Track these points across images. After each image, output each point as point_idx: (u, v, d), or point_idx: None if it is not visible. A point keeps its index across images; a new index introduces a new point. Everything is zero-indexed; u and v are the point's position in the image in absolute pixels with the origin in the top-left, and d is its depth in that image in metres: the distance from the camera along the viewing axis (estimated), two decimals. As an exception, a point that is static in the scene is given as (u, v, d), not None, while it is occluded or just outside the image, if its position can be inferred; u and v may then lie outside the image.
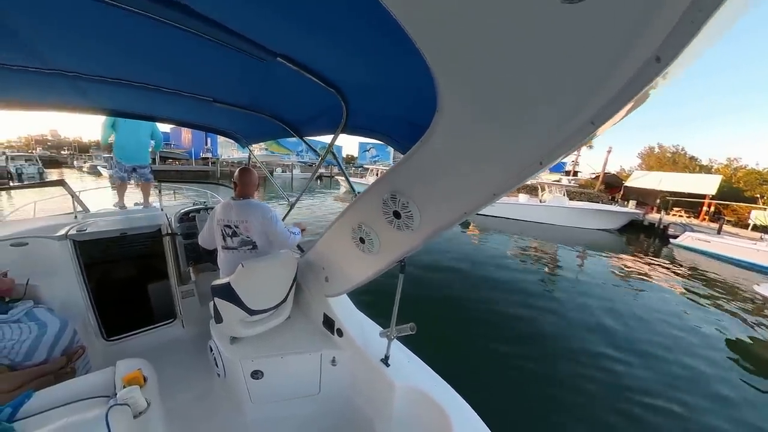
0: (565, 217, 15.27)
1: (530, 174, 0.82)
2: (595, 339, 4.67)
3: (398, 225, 1.26)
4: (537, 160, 0.78)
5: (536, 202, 16.27)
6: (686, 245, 12.65)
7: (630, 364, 4.10)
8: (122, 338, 2.27)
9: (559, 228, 14.61)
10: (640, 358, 4.25)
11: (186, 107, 2.01)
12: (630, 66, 0.52)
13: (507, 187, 0.90)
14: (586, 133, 0.65)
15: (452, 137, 0.93)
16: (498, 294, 6.04)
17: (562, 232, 13.74)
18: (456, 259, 7.85)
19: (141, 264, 2.77)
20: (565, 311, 5.57)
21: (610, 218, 15.16)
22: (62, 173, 27.68)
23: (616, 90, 0.56)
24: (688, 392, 3.63)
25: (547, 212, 15.63)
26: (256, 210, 1.90)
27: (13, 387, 1.33)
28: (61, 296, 2.00)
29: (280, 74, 1.28)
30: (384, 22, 0.76)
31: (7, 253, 2.00)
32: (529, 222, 15.46)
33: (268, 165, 33.97)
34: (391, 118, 1.48)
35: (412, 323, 1.47)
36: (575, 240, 12.36)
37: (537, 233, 13.12)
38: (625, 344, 4.59)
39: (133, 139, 3.46)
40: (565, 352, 4.23)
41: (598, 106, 0.60)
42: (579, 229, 14.71)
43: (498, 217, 15.58)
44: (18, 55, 1.20)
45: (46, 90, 1.61)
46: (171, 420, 1.39)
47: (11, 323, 1.55)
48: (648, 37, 0.48)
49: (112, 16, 0.89)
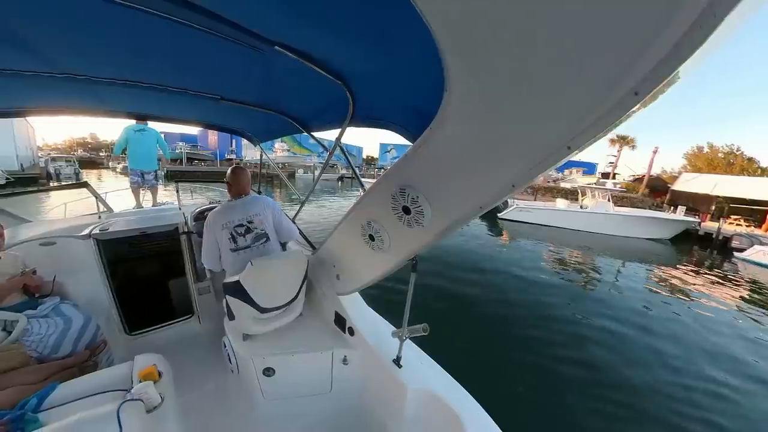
0: (610, 225, 14.47)
1: (556, 161, 0.76)
2: (654, 372, 4.19)
3: (408, 221, 1.25)
4: (564, 143, 0.71)
5: (576, 208, 15.52)
6: (757, 261, 11.55)
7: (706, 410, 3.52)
8: (143, 333, 2.44)
9: (601, 237, 13.91)
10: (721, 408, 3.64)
11: (196, 107, 2.13)
12: (684, 22, 0.47)
13: (529, 177, 0.84)
14: (627, 107, 0.58)
15: (464, 121, 0.87)
16: (528, 311, 5.73)
17: (606, 242, 13.03)
18: (481, 270, 7.59)
19: (161, 261, 2.96)
20: (614, 333, 5.11)
21: (662, 227, 14.25)
22: (100, 173, 30.60)
23: (666, 51, 0.50)
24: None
25: (589, 219, 14.88)
26: (266, 202, 2.04)
27: (40, 379, 1.46)
28: (85, 292, 2.18)
29: (283, 67, 1.31)
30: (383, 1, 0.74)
31: (37, 251, 2.19)
32: (568, 230, 14.75)
33: (290, 166, 35.20)
34: (400, 107, 1.48)
35: (425, 324, 1.47)
36: (621, 251, 11.62)
37: (577, 242, 12.46)
38: (697, 386, 3.99)
39: (142, 148, 4.21)
40: (627, 387, 3.80)
41: (644, 72, 0.53)
42: (625, 238, 13.93)
43: (532, 224, 15.03)
44: (29, 61, 1.30)
45: (59, 94, 1.76)
46: (185, 414, 1.48)
47: (39, 318, 1.70)
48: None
49: (113, 15, 0.92)
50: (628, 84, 0.56)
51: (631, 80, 0.56)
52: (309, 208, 15.30)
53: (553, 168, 0.81)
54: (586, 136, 0.67)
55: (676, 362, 4.53)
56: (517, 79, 0.68)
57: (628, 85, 0.56)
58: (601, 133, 0.66)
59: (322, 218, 13.38)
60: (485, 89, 0.76)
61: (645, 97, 0.56)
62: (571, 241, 12.45)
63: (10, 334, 1.56)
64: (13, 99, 1.82)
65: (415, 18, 0.64)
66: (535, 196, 22.74)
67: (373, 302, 2.11)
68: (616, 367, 4.21)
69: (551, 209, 15.67)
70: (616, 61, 0.56)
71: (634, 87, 0.56)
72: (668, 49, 0.50)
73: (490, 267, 7.90)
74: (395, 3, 0.70)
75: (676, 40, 0.48)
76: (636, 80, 0.55)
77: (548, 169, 0.81)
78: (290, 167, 35.58)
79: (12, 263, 1.87)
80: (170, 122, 2.70)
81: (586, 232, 14.52)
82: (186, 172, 28.69)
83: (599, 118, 0.63)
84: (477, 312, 5.46)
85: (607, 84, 0.59)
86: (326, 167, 2.92)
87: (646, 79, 0.54)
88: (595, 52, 0.57)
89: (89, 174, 28.80)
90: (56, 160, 25.45)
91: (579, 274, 8.54)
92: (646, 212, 15.68)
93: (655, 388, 3.89)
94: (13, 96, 1.75)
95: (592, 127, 0.66)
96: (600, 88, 0.60)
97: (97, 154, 48.55)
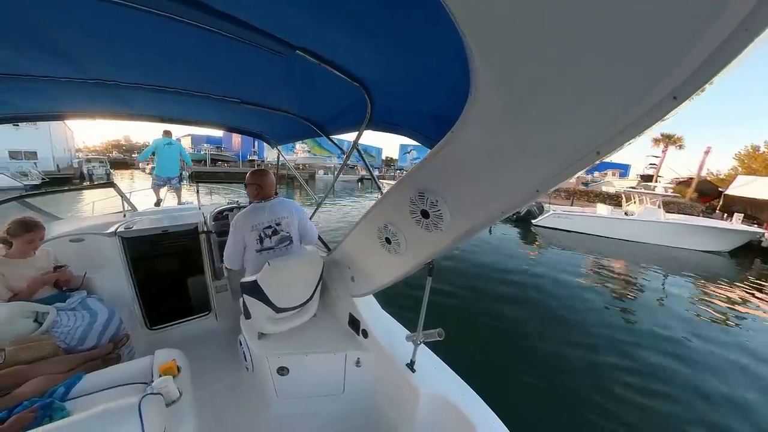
0: (659, 235, 13.41)
1: (584, 167, 0.76)
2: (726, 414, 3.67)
3: (426, 225, 1.28)
4: (594, 148, 0.71)
5: (620, 215, 14.52)
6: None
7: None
8: (163, 328, 2.61)
9: (649, 247, 12.94)
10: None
11: (216, 110, 2.26)
12: (728, 24, 0.45)
13: (553, 183, 0.85)
14: (666, 110, 0.58)
15: (488, 128, 0.89)
16: (568, 332, 5.25)
17: (654, 253, 12.06)
18: (509, 282, 7.21)
19: (181, 259, 3.15)
20: (672, 363, 4.59)
21: (721, 238, 13.01)
22: (132, 174, 33.02)
23: (708, 53, 0.48)
24: None
25: (636, 228, 13.82)
26: (292, 206, 2.15)
27: (67, 368, 1.60)
28: (110, 287, 2.36)
29: (302, 71, 1.37)
30: (407, 6, 0.76)
31: (67, 247, 2.40)
32: (610, 239, 13.84)
33: (310, 167, 36.10)
34: (418, 112, 1.52)
35: (440, 329, 1.50)
36: (673, 264, 10.63)
37: (622, 253, 11.61)
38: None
39: (168, 159, 5.32)
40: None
41: (684, 75, 0.53)
42: (676, 249, 12.91)
43: (569, 231, 14.28)
44: (64, 68, 1.41)
45: (89, 99, 1.91)
46: (201, 408, 1.57)
47: (68, 311, 1.86)
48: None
49: (143, 23, 0.98)
50: (665, 88, 0.56)
51: (668, 85, 0.55)
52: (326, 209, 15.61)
53: (579, 173, 0.81)
54: (617, 141, 0.67)
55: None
56: (547, 83, 0.69)
57: (665, 90, 0.56)
58: (633, 139, 0.65)
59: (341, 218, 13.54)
60: (513, 95, 0.76)
61: (683, 101, 0.55)
62: (615, 252, 11.62)
63: (41, 326, 1.72)
64: (48, 104, 2.01)
65: (439, 22, 0.66)
66: (571, 200, 21.76)
67: (387, 305, 2.14)
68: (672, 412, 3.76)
69: (592, 216, 14.73)
70: (653, 64, 0.55)
71: (672, 91, 0.55)
72: (711, 50, 0.49)
73: (520, 280, 7.47)
74: (420, 5, 0.73)
75: (719, 43, 0.47)
76: (674, 84, 0.54)
77: (574, 174, 0.81)
78: (310, 168, 36.55)
79: (45, 258, 2.06)
80: (191, 125, 2.87)
81: (631, 241, 13.56)
82: (209, 172, 30.48)
83: (632, 124, 0.63)
84: (501, 328, 5.26)
85: (643, 89, 0.58)
86: (343, 170, 3.01)
87: (687, 83, 0.53)
88: (634, 54, 0.56)
89: (121, 174, 31.34)
90: (91, 162, 28.02)
91: (624, 290, 7.77)
92: (703, 221, 14.43)
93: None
94: (48, 101, 1.94)
95: (623, 133, 0.65)
96: (635, 92, 0.60)
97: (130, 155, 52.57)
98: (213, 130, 4.25)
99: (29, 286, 1.87)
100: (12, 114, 2.09)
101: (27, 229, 1.90)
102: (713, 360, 4.88)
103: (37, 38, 1.08)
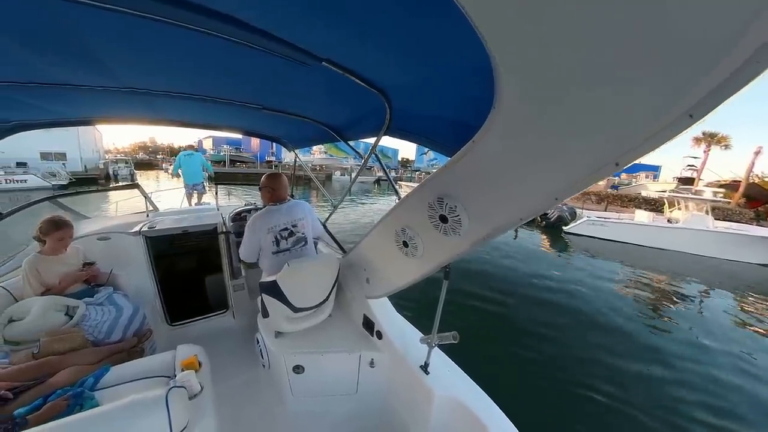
0: (708, 245, 12.28)
1: (603, 176, 0.81)
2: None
3: (444, 230, 1.32)
4: (613, 159, 0.75)
5: (662, 222, 13.56)
6: None
7: None
8: (183, 324, 2.77)
9: (696, 259, 11.92)
10: None
11: (237, 115, 2.40)
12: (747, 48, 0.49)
13: (572, 191, 0.89)
14: (682, 127, 0.62)
15: (510, 136, 0.93)
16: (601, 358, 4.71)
17: (702, 265, 11.08)
18: (532, 299, 6.67)
19: (200, 258, 3.33)
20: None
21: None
22: (157, 174, 34.95)
23: (729, 71, 0.52)
24: None
25: (681, 237, 12.77)
26: (305, 208, 2.27)
27: (95, 360, 1.73)
28: (134, 284, 2.53)
29: (324, 78, 1.44)
30: (432, 16, 0.80)
31: (95, 245, 2.59)
32: (650, 248, 12.89)
33: (327, 168, 36.64)
34: (437, 119, 1.57)
35: (455, 332, 1.54)
36: (726, 278, 9.62)
37: (665, 265, 10.66)
38: None
39: (191, 168, 6.50)
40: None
41: (701, 94, 0.57)
42: (729, 261, 11.82)
43: (605, 239, 13.50)
44: (100, 77, 1.51)
45: (121, 106, 2.07)
46: (220, 403, 1.66)
47: (96, 305, 2.02)
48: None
49: (174, 35, 1.04)
50: (684, 105, 0.59)
51: (687, 102, 0.59)
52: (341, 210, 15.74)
53: (598, 181, 0.86)
54: (637, 153, 0.70)
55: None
56: (571, 94, 0.72)
57: (683, 107, 0.59)
58: (653, 150, 0.68)
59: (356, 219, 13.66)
60: (537, 105, 0.80)
61: (699, 118, 0.59)
62: (657, 264, 10.69)
63: (71, 319, 1.86)
64: (83, 110, 2.20)
65: (464, 32, 0.70)
66: (605, 205, 20.84)
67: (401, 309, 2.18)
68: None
69: (631, 223, 13.81)
70: (678, 79, 0.58)
71: (689, 109, 0.59)
72: (737, 66, 0.51)
73: (548, 298, 6.83)
74: (446, 14, 0.76)
75: (740, 64, 0.50)
76: (692, 102, 0.58)
77: (592, 183, 0.86)
78: (327, 169, 37.12)
79: (75, 255, 2.24)
80: (213, 129, 3.05)
81: (675, 251, 12.56)
82: (227, 173, 31.75)
83: (654, 135, 0.66)
84: (521, 346, 4.96)
85: (667, 102, 0.62)
86: (361, 172, 3.10)
87: (700, 106, 0.57)
88: (661, 66, 0.58)
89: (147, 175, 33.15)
90: (117, 163, 30.12)
91: (670, 309, 6.97)
92: (762, 230, 12.98)
93: None
94: (83, 108, 2.12)
95: (645, 144, 0.68)
96: (659, 106, 0.63)
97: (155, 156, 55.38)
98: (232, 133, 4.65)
99: (61, 281, 2.03)
100: (49, 120, 2.30)
101: (57, 227, 2.07)
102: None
103: (75, 50, 1.19)
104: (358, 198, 21.95)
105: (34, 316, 1.80)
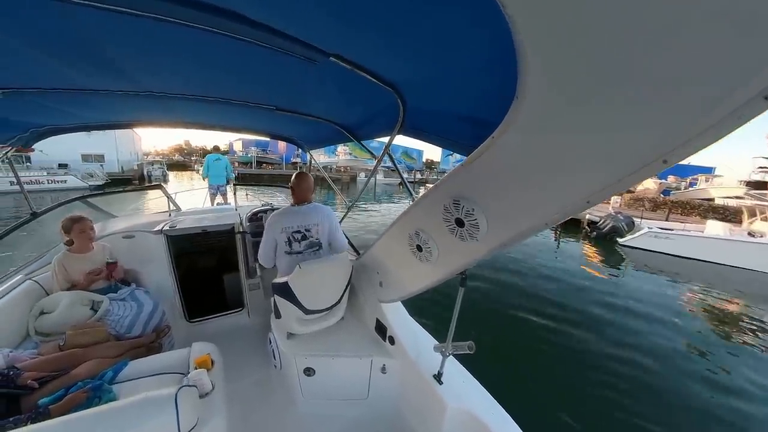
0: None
1: (645, 176, 0.71)
2: None
3: (461, 234, 1.26)
4: (659, 156, 0.65)
5: (743, 236, 11.39)
6: None
7: None
8: (200, 321, 2.88)
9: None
10: None
11: (252, 117, 2.46)
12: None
13: (607, 193, 0.80)
14: (757, 110, 0.52)
15: (534, 132, 0.85)
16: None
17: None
18: (576, 323, 5.77)
19: (218, 257, 3.46)
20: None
21: None
22: (191, 175, 36.75)
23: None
24: None
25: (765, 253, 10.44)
26: (326, 213, 2.25)
27: (116, 354, 1.82)
28: (155, 281, 2.66)
29: (334, 76, 1.43)
30: (444, 7, 0.76)
31: (120, 243, 2.75)
32: (727, 266, 10.76)
33: (351, 169, 37.07)
34: (453, 115, 1.51)
35: (471, 342, 1.50)
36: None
37: (748, 289, 8.82)
38: None
39: (217, 171, 7.32)
40: None
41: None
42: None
43: (670, 255, 11.46)
44: (119, 82, 1.58)
45: (140, 109, 2.17)
46: (231, 402, 1.69)
47: (119, 301, 2.13)
48: None
49: (186, 38, 1.07)
50: (756, 87, 0.49)
51: (760, 83, 0.49)
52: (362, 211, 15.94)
53: (638, 184, 0.74)
54: (690, 148, 0.61)
55: None
56: (610, 81, 0.62)
57: (755, 89, 0.50)
58: (711, 144, 0.59)
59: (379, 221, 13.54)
60: (567, 95, 0.71)
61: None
62: (739, 286, 8.82)
63: (95, 313, 1.98)
64: (107, 114, 2.34)
65: (481, 18, 0.64)
66: (667, 214, 17.35)
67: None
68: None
69: (704, 237, 11.56)
70: (747, 54, 0.48)
71: (762, 90, 0.49)
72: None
73: (597, 326, 5.74)
74: (459, 4, 0.71)
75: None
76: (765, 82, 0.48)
77: (633, 185, 0.77)
78: (352, 170, 37.55)
79: (101, 252, 2.38)
80: (229, 131, 3.17)
81: (760, 272, 10.23)
82: (253, 174, 33.02)
83: (715, 125, 0.56)
84: (549, 352, 4.80)
85: (732, 84, 0.51)
86: (375, 174, 3.08)
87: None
88: (720, 44, 0.49)
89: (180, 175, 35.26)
90: (152, 164, 32.23)
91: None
92: None
93: None
94: (107, 112, 2.25)
95: (702, 136, 0.58)
96: (721, 89, 0.53)
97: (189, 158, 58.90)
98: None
99: (86, 277, 2.16)
100: (75, 124, 2.45)
101: (74, 221, 2.21)
102: None
103: (95, 57, 1.25)
104: (382, 200, 21.89)
105: (62, 309, 1.93)
